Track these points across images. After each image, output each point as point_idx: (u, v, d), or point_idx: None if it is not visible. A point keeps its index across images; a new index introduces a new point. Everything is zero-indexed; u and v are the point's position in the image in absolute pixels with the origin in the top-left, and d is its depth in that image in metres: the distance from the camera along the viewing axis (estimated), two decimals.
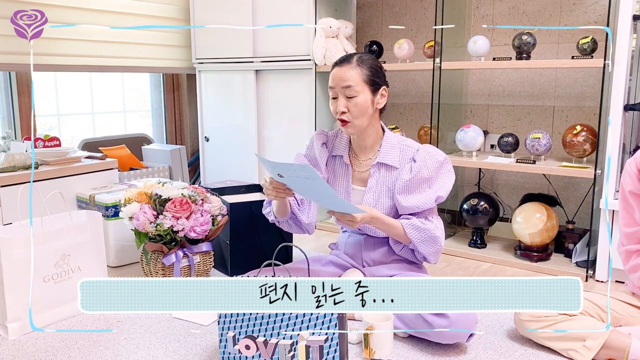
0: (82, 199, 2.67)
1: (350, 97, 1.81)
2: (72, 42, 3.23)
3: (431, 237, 1.84)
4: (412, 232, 1.83)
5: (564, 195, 2.95)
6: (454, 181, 1.89)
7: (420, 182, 1.84)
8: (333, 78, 1.84)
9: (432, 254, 1.87)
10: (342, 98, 1.81)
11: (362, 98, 1.81)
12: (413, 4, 3.37)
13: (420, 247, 1.84)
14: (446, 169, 1.89)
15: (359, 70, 1.81)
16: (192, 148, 4.18)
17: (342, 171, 1.97)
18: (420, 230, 1.83)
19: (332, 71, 1.86)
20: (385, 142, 1.92)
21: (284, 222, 1.98)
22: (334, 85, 1.83)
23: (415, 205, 1.83)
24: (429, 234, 1.83)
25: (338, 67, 1.84)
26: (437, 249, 1.87)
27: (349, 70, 1.81)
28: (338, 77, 1.82)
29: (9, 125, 3.13)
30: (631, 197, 1.67)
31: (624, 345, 1.57)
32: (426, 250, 1.85)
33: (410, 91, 3.46)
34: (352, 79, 1.80)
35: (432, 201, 1.83)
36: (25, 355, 1.73)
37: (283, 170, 1.61)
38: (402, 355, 1.72)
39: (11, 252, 1.82)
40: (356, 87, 1.80)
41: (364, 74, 1.82)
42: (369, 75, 1.83)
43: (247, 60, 3.42)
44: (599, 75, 2.69)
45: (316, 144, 1.99)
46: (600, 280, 2.44)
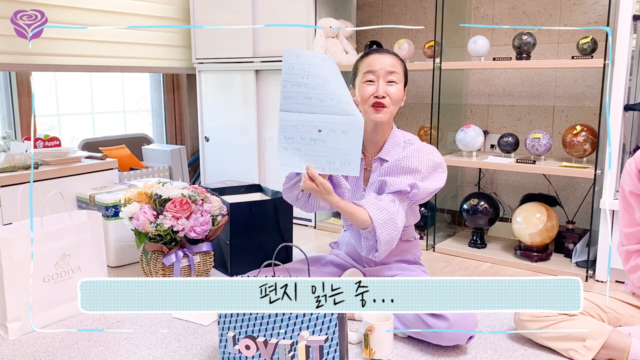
0: (82, 199, 2.67)
1: (391, 82, 1.82)
2: (72, 42, 3.23)
3: (393, 220, 1.75)
4: (376, 212, 1.74)
5: (564, 195, 2.95)
6: (439, 187, 1.83)
7: (406, 169, 1.80)
8: (376, 61, 1.82)
9: (386, 241, 1.75)
10: (383, 83, 1.81)
11: (400, 87, 1.84)
12: (413, 4, 3.37)
13: (379, 230, 1.73)
14: (439, 174, 1.84)
15: (400, 61, 1.85)
16: (192, 148, 4.18)
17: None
18: (384, 210, 1.75)
19: (370, 57, 1.84)
20: (391, 139, 1.92)
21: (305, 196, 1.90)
22: (377, 68, 1.81)
23: (391, 182, 1.79)
24: (392, 216, 1.75)
25: (378, 53, 1.85)
26: (393, 237, 1.76)
27: (394, 59, 1.84)
28: (383, 62, 1.82)
29: (9, 125, 3.13)
30: (631, 197, 1.67)
31: (624, 345, 1.57)
32: (383, 235, 1.74)
33: (410, 91, 3.46)
34: (396, 66, 1.83)
35: (406, 184, 1.78)
36: (25, 355, 1.73)
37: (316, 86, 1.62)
38: (402, 355, 1.72)
39: (11, 252, 1.82)
40: (398, 74, 1.83)
41: (403, 66, 1.87)
42: (405, 69, 1.88)
43: (247, 60, 3.42)
44: (599, 75, 2.70)
45: None
46: (600, 280, 2.44)
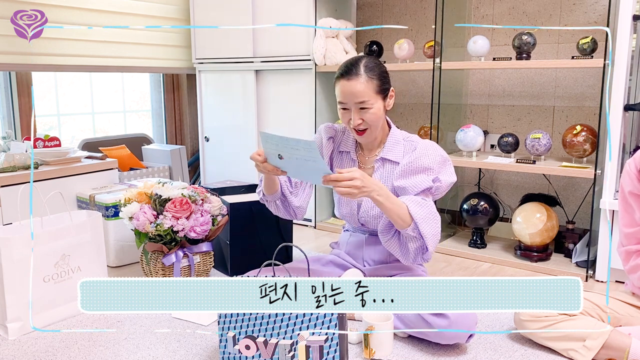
0: (82, 199, 2.67)
1: (364, 109, 1.76)
2: (72, 42, 3.23)
3: (433, 215, 1.71)
4: (416, 208, 1.68)
5: (564, 195, 2.95)
6: (454, 181, 1.86)
7: (420, 169, 1.80)
8: (343, 93, 1.76)
9: (431, 235, 1.70)
10: (356, 112, 1.76)
11: (376, 107, 1.78)
12: (413, 4, 3.37)
13: (422, 225, 1.67)
14: (449, 167, 1.86)
15: (370, 84, 1.74)
16: (192, 148, 4.17)
17: (349, 167, 1.96)
18: (423, 206, 1.70)
19: (340, 84, 1.77)
20: (391, 137, 1.92)
21: (272, 202, 1.92)
22: (346, 100, 1.76)
23: (412, 184, 1.77)
24: (431, 211, 1.71)
25: (346, 80, 1.75)
26: (436, 232, 1.72)
27: (360, 85, 1.73)
28: (350, 93, 1.74)
29: (9, 125, 3.13)
30: (631, 198, 1.67)
31: (624, 345, 1.57)
32: (427, 229, 1.68)
33: (410, 91, 3.46)
34: (365, 94, 1.74)
35: (430, 181, 1.77)
36: (25, 355, 1.73)
37: (287, 147, 1.52)
38: (402, 355, 1.72)
39: (11, 252, 1.82)
40: (370, 100, 1.75)
41: (374, 85, 1.75)
42: (380, 85, 1.77)
43: (247, 60, 3.42)
44: (599, 75, 2.69)
45: (323, 136, 1.97)
46: (600, 280, 2.44)
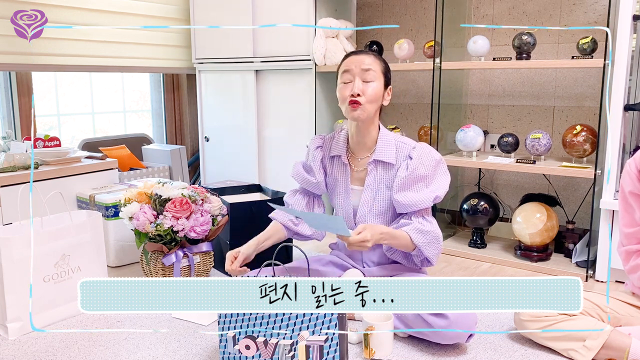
0: (82, 199, 2.67)
1: (367, 81, 1.82)
2: (72, 42, 3.23)
3: (435, 238, 1.84)
4: (418, 236, 1.81)
5: (564, 195, 2.95)
6: (449, 182, 1.89)
7: (417, 179, 1.85)
8: (351, 61, 1.84)
9: (434, 255, 1.86)
10: (359, 81, 1.81)
11: (378, 85, 1.84)
12: (413, 4, 3.37)
13: (426, 250, 1.83)
14: (442, 169, 1.89)
15: (378, 61, 1.85)
16: (192, 148, 4.17)
17: (341, 171, 1.97)
18: (425, 233, 1.82)
19: (348, 58, 1.86)
20: (382, 139, 1.92)
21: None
22: (352, 67, 1.82)
23: (413, 203, 1.83)
24: (433, 236, 1.83)
25: (355, 54, 1.87)
26: (439, 250, 1.88)
27: (369, 57, 1.84)
28: (357, 61, 1.83)
29: (9, 125, 3.13)
30: (631, 198, 1.67)
31: (624, 345, 1.57)
32: (430, 252, 1.84)
33: (410, 91, 3.46)
34: (372, 64, 1.83)
35: (430, 200, 1.83)
36: (25, 355, 1.73)
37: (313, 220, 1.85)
38: (402, 355, 1.72)
39: (11, 252, 1.82)
40: (375, 72, 1.82)
41: (381, 64, 1.86)
42: (385, 68, 1.88)
43: (247, 60, 3.42)
44: (599, 75, 2.69)
45: (311, 148, 2.02)
46: (600, 280, 2.44)
